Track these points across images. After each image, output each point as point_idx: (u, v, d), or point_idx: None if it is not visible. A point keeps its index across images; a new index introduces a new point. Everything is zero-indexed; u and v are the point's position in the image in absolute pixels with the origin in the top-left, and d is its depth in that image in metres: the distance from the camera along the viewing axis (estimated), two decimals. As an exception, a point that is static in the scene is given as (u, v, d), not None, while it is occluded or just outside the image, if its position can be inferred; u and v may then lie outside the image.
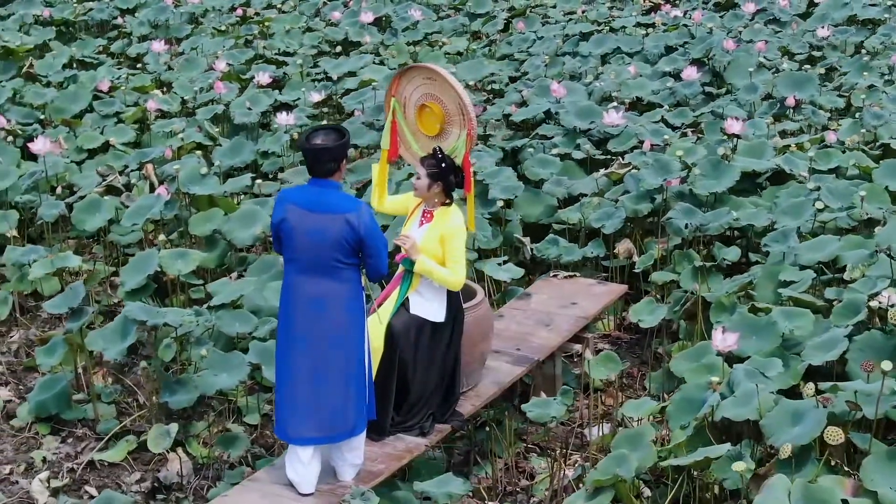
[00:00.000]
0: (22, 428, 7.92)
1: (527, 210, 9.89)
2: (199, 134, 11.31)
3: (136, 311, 7.45)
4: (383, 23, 16.46)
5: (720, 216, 8.86)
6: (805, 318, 7.27)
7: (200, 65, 13.83)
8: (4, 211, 9.80)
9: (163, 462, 7.53)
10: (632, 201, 9.30)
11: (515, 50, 14.99)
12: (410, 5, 16.68)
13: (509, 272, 8.70)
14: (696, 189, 9.33)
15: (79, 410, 7.91)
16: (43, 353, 7.89)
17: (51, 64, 13.34)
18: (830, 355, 6.65)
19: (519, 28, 15.73)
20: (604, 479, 6.09)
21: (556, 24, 15.82)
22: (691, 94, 12.45)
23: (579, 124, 10.99)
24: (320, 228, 5.85)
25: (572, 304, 8.24)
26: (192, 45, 14.83)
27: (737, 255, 8.59)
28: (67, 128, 11.66)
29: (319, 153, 5.90)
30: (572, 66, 13.62)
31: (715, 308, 7.65)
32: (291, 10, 17.04)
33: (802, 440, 5.80)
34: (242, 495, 6.15)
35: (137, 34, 15.49)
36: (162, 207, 9.13)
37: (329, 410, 6.00)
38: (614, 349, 8.79)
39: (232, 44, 14.70)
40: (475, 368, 7.08)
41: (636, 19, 15.80)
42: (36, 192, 10.10)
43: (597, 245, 9.19)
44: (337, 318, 5.94)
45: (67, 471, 7.45)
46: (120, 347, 7.50)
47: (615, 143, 10.77)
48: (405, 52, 14.96)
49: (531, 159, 10.35)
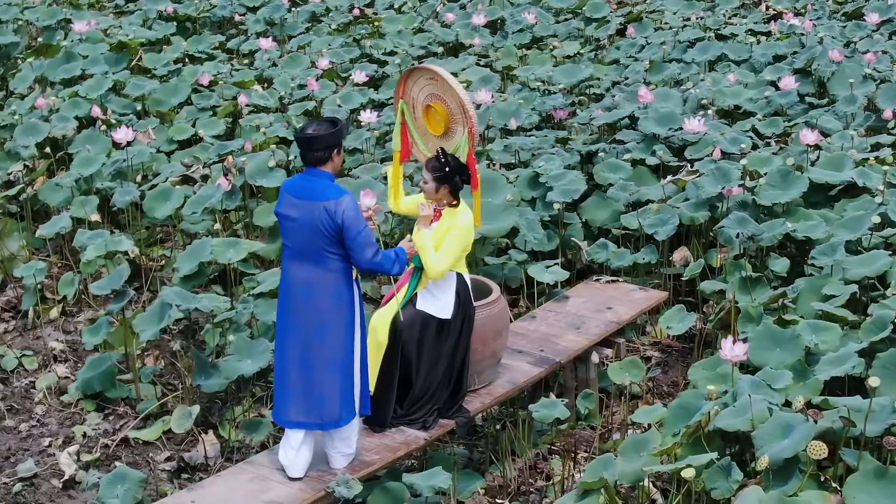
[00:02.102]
0: (70, 404, 8.27)
1: (593, 214, 9.88)
2: (285, 129, 11.57)
3: (171, 296, 7.72)
4: (497, 25, 16.52)
5: (775, 227, 8.70)
6: (832, 333, 7.13)
7: (304, 62, 14.11)
8: (86, 196, 10.21)
9: (195, 443, 7.79)
10: (690, 209, 9.19)
11: (623, 55, 14.88)
12: (527, 8, 16.69)
13: (555, 274, 8.70)
14: (760, 199, 9.18)
15: (123, 389, 8.22)
16: (88, 333, 8.23)
17: (159, 58, 13.76)
18: (841, 370, 6.51)
19: (629, 33, 15.61)
20: (590, 482, 6.10)
21: (669, 30, 15.65)
22: (787, 104, 12.19)
23: (658, 130, 10.89)
24: (305, 215, 6.03)
25: (608, 308, 8.21)
26: (300, 43, 15.13)
27: (785, 267, 8.42)
28: (160, 119, 12.03)
29: (309, 142, 6.09)
30: (672, 73, 13.47)
31: (742, 318, 7.53)
32: (410, 10, 17.23)
33: (786, 453, 5.71)
34: (234, 476, 6.34)
35: (253, 31, 15.87)
36: (221, 198, 9.38)
37: (315, 397, 6.15)
38: (664, 357, 8.73)
39: (340, 42, 14.95)
40: (487, 366, 7.12)
41: (749, 27, 15.50)
42: (120, 179, 10.49)
43: (650, 251, 9.12)
44: (322, 305, 6.09)
45: (102, 446, 7.76)
46: (154, 329, 7.78)
47: (692, 150, 10.64)
48: (512, 55, 14.99)
49: (602, 164, 10.32)
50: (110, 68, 13.28)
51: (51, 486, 7.37)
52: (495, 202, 9.31)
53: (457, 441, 7.75)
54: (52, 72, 13.15)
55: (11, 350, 8.81)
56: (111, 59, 13.62)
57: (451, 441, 7.72)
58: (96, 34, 14.00)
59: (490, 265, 9.02)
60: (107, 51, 13.71)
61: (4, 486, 7.37)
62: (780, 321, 7.30)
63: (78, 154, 10.81)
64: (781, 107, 12.17)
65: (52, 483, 7.39)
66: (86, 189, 10.53)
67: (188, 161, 10.95)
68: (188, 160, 10.98)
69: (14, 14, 15.69)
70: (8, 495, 7.27)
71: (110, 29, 14.94)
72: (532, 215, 9.33)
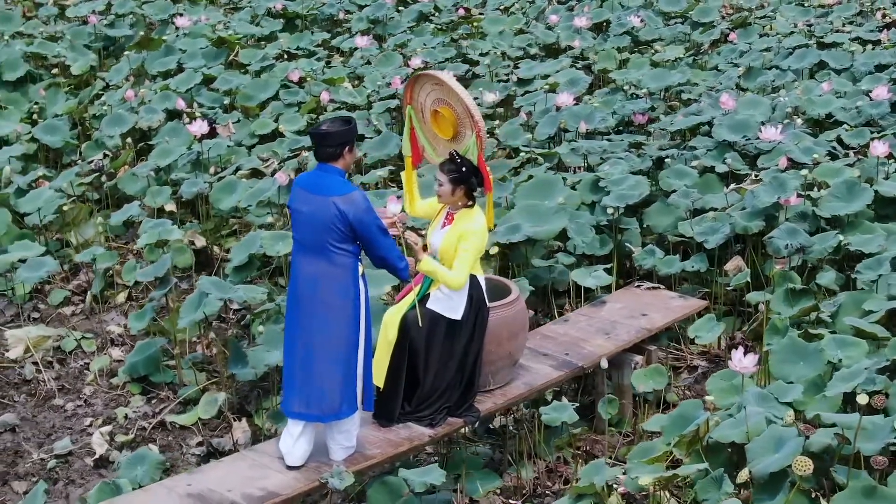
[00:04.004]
0: (118, 386, 8.56)
1: (656, 220, 9.79)
2: (365, 127, 11.72)
3: (207, 286, 7.93)
4: (603, 28, 16.45)
5: (827, 239, 8.53)
6: (858, 349, 6.97)
7: (398, 61, 14.26)
8: (160, 186, 10.54)
9: (228, 429, 8.00)
10: (744, 218, 9.05)
11: (723, 60, 14.68)
12: (634, 11, 16.58)
13: (598, 279, 8.67)
14: (820, 210, 9.00)
15: (168, 374, 8.47)
16: (134, 318, 8.51)
17: (254, 53, 14.05)
18: (847, 387, 6.36)
19: (731, 38, 15.38)
20: (582, 487, 6.11)
21: (773, 37, 15.37)
22: (878, 115, 11.88)
23: (732, 138, 10.74)
24: (315, 210, 6.16)
25: (642, 315, 8.16)
26: (398, 42, 15.27)
27: (831, 280, 8.24)
28: (245, 113, 12.31)
29: (322, 138, 6.23)
30: (766, 80, 13.25)
31: (769, 330, 7.42)
32: (517, 11, 17.26)
33: (773, 467, 5.64)
34: (237, 462, 6.49)
35: (357, 29, 16.08)
36: (276, 192, 9.58)
37: (316, 389, 6.27)
38: (711, 366, 8.63)
39: (438, 42, 15.06)
40: (503, 367, 7.15)
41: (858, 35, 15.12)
42: (196, 171, 10.80)
43: (699, 259, 9.01)
44: (327, 300, 6.21)
45: (138, 429, 8.01)
46: (192, 317, 8.00)
47: (764, 159, 10.46)
48: (611, 58, 14.90)
49: (668, 170, 10.23)
50: (207, 63, 13.63)
51: (83, 464, 7.64)
52: (548, 204, 9.32)
53: (483, 441, 7.81)
54: (150, 65, 13.57)
55: (72, 332, 9.13)
56: (210, 54, 14.00)
57: (476, 440, 7.80)
58: (198, 29, 14.42)
59: (537, 268, 9.02)
60: (206, 46, 14.08)
61: (41, 462, 7.67)
62: (806, 335, 7.17)
63: (158, 145, 11.14)
64: (872, 117, 11.87)
65: (85, 461, 7.66)
66: (164, 180, 10.86)
67: (265, 155, 11.20)
68: (265, 154, 11.23)
69: (130, 7, 16.21)
70: (42, 470, 7.57)
71: (217, 25, 15.29)
72: (583, 219, 9.30)
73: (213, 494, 6.08)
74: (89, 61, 14.11)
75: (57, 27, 15.91)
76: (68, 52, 14.33)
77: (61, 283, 10.06)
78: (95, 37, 15.14)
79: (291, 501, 6.16)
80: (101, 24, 15.40)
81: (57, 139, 11.91)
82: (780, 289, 8.18)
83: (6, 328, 9.31)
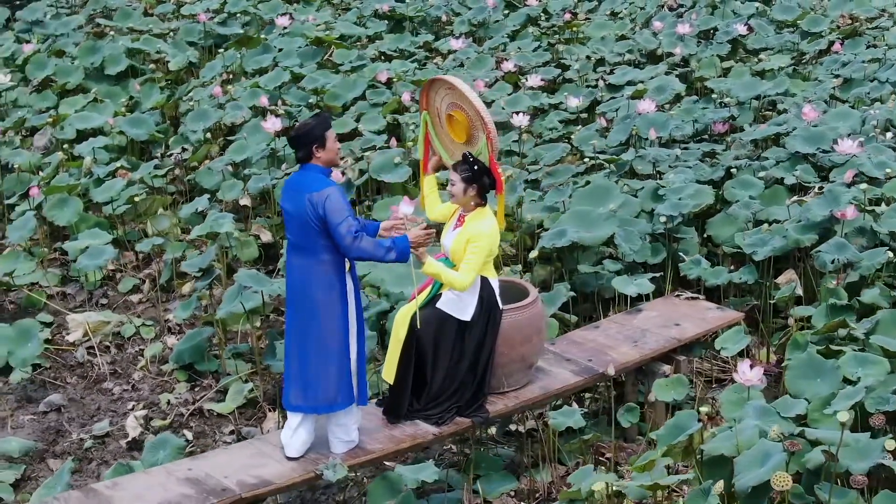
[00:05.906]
0: (166, 373, 8.83)
1: (718, 230, 9.68)
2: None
3: (244, 278, 8.14)
4: (710, 35, 16.24)
5: (875, 255, 8.34)
6: (879, 367, 6.84)
7: (490, 64, 14.30)
8: (234, 181, 10.82)
9: (262, 419, 8.20)
10: (797, 231, 8.89)
11: (825, 71, 14.38)
12: (743, 19, 16.32)
13: (640, 287, 8.61)
14: (878, 225, 8.80)
15: (213, 363, 8.71)
16: (181, 308, 8.76)
17: (349, 54, 14.23)
18: (848, 404, 6.24)
19: (835, 49, 15.03)
20: (570, 492, 6.13)
21: (880, 48, 14.98)
22: (969, 131, 11.54)
23: (805, 149, 10.54)
24: (296, 208, 6.33)
25: (675, 324, 8.09)
26: (494, 45, 15.30)
27: (875, 297, 8.04)
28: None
29: (290, 142, 6.48)
30: (861, 92, 12.95)
31: (791, 345, 7.30)
32: (626, 16, 17.15)
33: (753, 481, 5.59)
34: (240, 450, 6.68)
35: (459, 32, 16.16)
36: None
37: (311, 382, 6.41)
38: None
39: (535, 46, 15.06)
40: (517, 370, 7.16)
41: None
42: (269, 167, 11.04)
43: (748, 271, 8.88)
44: (313, 294, 6.36)
45: (176, 414, 8.26)
46: (228, 308, 8.22)
47: (837, 172, 10.23)
48: (713, 66, 14.72)
49: (734, 180, 10.10)
50: (302, 62, 13.89)
51: (118, 445, 7.92)
52: (599, 211, 9.30)
53: (507, 443, 7.86)
54: (247, 62, 13.90)
55: (133, 319, 9.44)
56: (306, 54, 14.26)
57: (501, 443, 7.85)
58: (297, 28, 14.68)
59: (584, 274, 9.00)
60: (303, 45, 14.35)
61: (79, 442, 7.97)
62: (826, 351, 7.04)
63: (236, 141, 11.42)
64: (963, 134, 11.53)
65: (120, 443, 7.94)
66: (239, 175, 11.13)
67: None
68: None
69: (242, 6, 16.58)
70: (79, 450, 7.87)
71: (319, 25, 15.54)
72: (633, 226, 9.25)
73: (208, 479, 6.25)
74: (187, 58, 14.48)
75: (171, 24, 16.37)
76: (169, 49, 14.75)
77: (132, 271, 10.40)
78: (205, 34, 15.54)
79: (283, 490, 6.31)
80: (213, 22, 15.81)
81: (142, 132, 12.30)
82: (824, 304, 8.04)
83: (72, 312, 9.67)
